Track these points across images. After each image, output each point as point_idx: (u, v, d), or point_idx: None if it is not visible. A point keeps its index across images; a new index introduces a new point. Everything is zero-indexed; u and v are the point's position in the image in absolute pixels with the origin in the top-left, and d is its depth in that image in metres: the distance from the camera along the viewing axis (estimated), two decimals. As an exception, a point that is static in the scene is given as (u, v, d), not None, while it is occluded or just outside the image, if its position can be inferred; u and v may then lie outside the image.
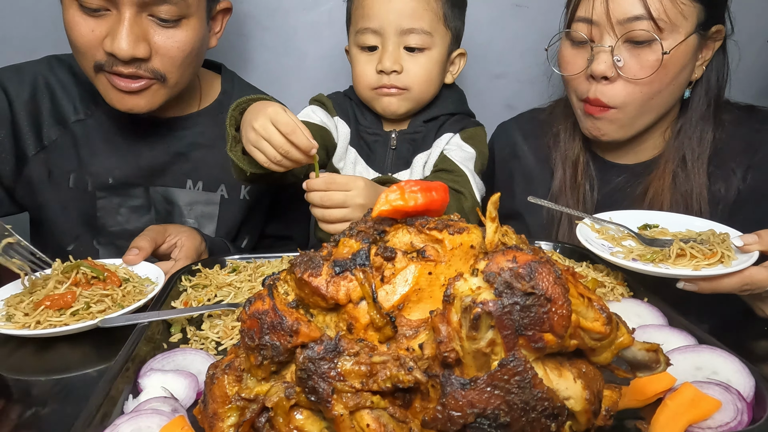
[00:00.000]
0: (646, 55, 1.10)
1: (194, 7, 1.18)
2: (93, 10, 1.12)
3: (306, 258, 0.55)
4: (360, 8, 1.26)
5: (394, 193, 0.56)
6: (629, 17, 1.08)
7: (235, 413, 0.54)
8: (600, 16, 1.12)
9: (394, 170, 1.33)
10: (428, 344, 0.50)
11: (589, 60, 1.14)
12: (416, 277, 0.53)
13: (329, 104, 1.36)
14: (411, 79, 1.25)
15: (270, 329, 0.52)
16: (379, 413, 0.51)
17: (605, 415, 0.55)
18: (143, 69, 1.16)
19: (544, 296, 0.46)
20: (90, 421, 0.58)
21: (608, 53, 1.11)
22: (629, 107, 1.15)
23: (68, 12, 1.14)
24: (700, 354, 0.69)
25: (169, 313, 0.83)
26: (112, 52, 1.12)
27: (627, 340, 0.52)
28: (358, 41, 1.27)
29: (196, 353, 0.75)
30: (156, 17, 1.14)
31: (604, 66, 1.12)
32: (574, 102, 1.24)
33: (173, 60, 1.19)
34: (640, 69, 1.11)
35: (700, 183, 1.19)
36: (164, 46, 1.16)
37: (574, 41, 1.18)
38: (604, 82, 1.14)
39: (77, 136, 1.31)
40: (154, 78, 1.18)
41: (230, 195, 1.39)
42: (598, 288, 0.92)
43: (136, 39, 1.12)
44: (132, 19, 1.11)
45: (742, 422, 0.59)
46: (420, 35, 1.22)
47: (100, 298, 0.88)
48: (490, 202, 0.55)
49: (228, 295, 0.92)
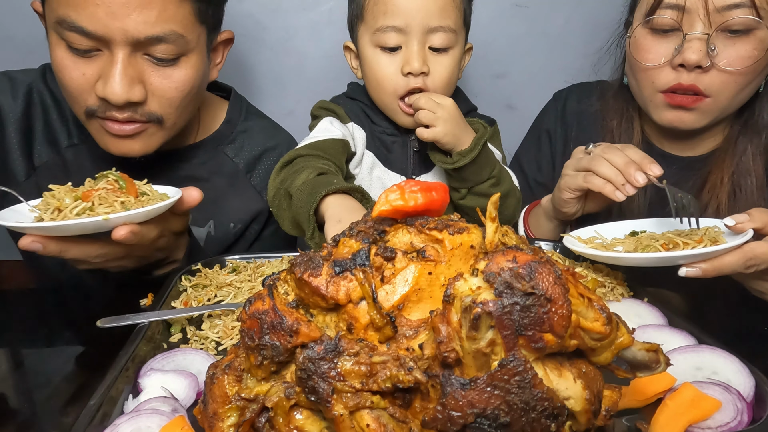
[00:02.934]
0: (744, 45, 1.05)
1: (193, 43, 1.09)
2: (84, 51, 1.02)
3: (306, 258, 0.55)
4: (381, 4, 1.15)
5: (394, 193, 0.56)
6: (729, 5, 1.03)
7: (235, 413, 0.54)
8: (694, 3, 1.06)
9: (417, 173, 1.30)
10: (428, 344, 0.50)
11: (677, 49, 1.09)
12: (416, 277, 0.53)
13: (340, 111, 1.28)
14: (436, 82, 1.19)
15: (270, 329, 0.52)
16: (379, 413, 0.51)
17: (605, 415, 0.55)
18: (139, 113, 1.07)
19: (544, 296, 0.46)
20: (90, 421, 0.58)
21: (703, 41, 1.06)
22: (722, 96, 1.11)
23: (56, 53, 1.04)
24: (700, 354, 0.69)
25: (169, 313, 0.83)
26: (105, 96, 1.03)
27: (627, 340, 0.52)
28: (379, 41, 1.18)
29: (196, 353, 0.75)
30: (152, 56, 1.05)
31: (699, 55, 1.06)
32: (646, 94, 1.18)
33: (171, 101, 1.10)
34: (737, 59, 1.06)
35: (761, 181, 1.16)
36: (161, 88, 1.07)
37: (657, 29, 1.12)
38: (696, 71, 1.09)
39: (68, 162, 1.23)
40: (150, 121, 1.10)
41: (217, 231, 1.33)
42: (598, 288, 0.92)
43: (131, 81, 1.03)
44: (125, 60, 1.02)
45: (742, 422, 0.59)
46: (446, 33, 1.16)
47: (110, 203, 0.89)
48: (490, 202, 0.55)
49: (228, 295, 0.92)
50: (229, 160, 1.35)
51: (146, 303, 0.93)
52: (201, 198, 1.01)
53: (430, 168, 1.30)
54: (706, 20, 1.05)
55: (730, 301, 0.94)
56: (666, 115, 1.17)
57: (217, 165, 1.33)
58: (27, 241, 0.86)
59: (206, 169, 1.31)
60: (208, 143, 1.33)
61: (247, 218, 1.36)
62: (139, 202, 0.93)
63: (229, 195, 1.34)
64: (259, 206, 1.37)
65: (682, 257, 0.85)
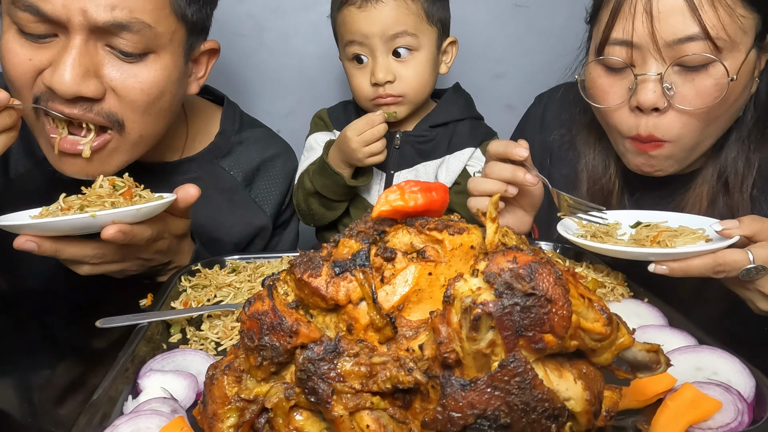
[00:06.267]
0: (702, 81, 0.94)
1: (165, 39, 0.97)
2: (37, 37, 0.91)
3: (306, 258, 0.55)
4: (343, 24, 1.27)
5: (394, 194, 0.56)
6: (680, 38, 0.91)
7: (235, 414, 0.54)
8: (642, 38, 0.94)
9: (396, 168, 1.34)
10: (428, 345, 0.50)
11: (630, 89, 0.98)
12: (416, 277, 0.53)
13: (327, 120, 1.40)
14: (405, 86, 1.27)
15: (269, 330, 0.52)
16: (378, 414, 0.51)
17: (606, 415, 0.55)
18: (94, 111, 0.94)
19: (545, 297, 0.46)
20: (89, 421, 0.58)
21: (656, 81, 0.95)
22: (685, 139, 0.99)
23: (4, 38, 0.92)
24: (701, 354, 0.69)
25: (169, 314, 0.83)
26: (51, 85, 0.90)
27: (627, 341, 0.52)
28: (348, 54, 1.29)
29: (196, 354, 0.74)
30: (116, 49, 0.93)
31: (653, 96, 0.95)
32: (615, 138, 1.08)
33: (134, 104, 0.96)
34: (696, 97, 0.94)
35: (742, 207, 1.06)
36: (122, 85, 0.94)
37: (609, 67, 1.01)
38: (654, 114, 0.98)
39: (47, 174, 1.09)
40: (109, 124, 0.96)
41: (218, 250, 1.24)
42: (599, 288, 0.92)
43: (85, 72, 0.90)
44: (82, 47, 0.89)
45: (742, 423, 0.58)
46: (406, 38, 1.24)
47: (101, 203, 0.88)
48: (490, 202, 0.55)
49: (228, 296, 0.92)
50: (227, 174, 1.29)
51: (146, 303, 0.93)
52: (198, 194, 0.96)
53: (410, 165, 1.34)
54: (659, 56, 0.94)
55: (731, 302, 0.94)
56: (637, 163, 1.06)
57: (214, 179, 1.25)
58: (22, 240, 0.85)
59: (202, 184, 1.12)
60: (202, 156, 1.25)
61: (251, 234, 1.31)
62: (129, 202, 0.91)
63: (230, 211, 1.28)
64: (262, 221, 1.31)
65: (653, 254, 0.86)
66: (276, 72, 1.69)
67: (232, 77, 1.60)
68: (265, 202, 1.33)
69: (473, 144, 1.33)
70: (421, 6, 1.24)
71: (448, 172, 1.31)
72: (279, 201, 1.36)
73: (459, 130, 1.34)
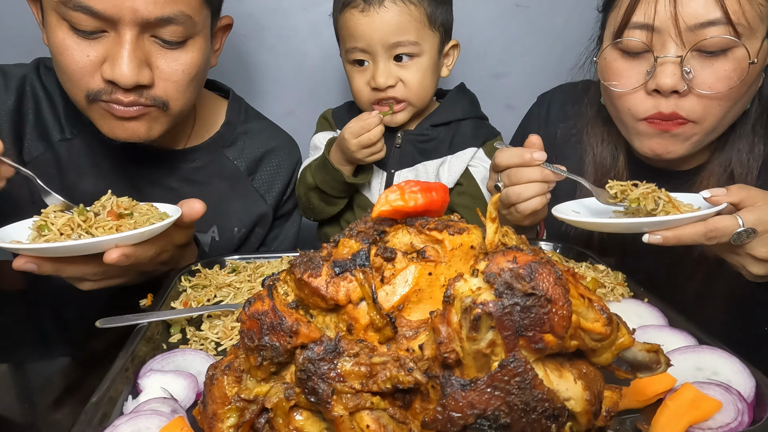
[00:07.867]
0: (722, 65, 0.96)
1: (200, 25, 1.07)
2: (89, 33, 0.98)
3: (306, 258, 0.55)
4: (345, 29, 1.26)
5: (394, 194, 0.56)
6: (702, 22, 0.94)
7: (235, 414, 0.54)
8: (664, 22, 0.96)
9: (397, 167, 1.34)
10: (428, 345, 0.50)
11: (648, 72, 0.99)
12: (416, 277, 0.53)
13: (331, 120, 1.41)
14: (406, 90, 1.27)
15: (269, 330, 0.52)
16: (379, 414, 0.51)
17: (606, 415, 0.55)
18: (144, 96, 1.03)
19: (545, 297, 0.46)
20: (89, 421, 0.58)
21: (676, 64, 0.96)
22: (708, 121, 1.01)
23: (56, 35, 0.99)
24: (701, 354, 0.69)
25: (169, 314, 0.83)
26: (113, 79, 0.99)
27: (627, 341, 0.52)
28: (349, 58, 1.29)
29: (196, 354, 0.74)
30: (159, 39, 1.02)
31: (673, 79, 0.96)
32: (626, 122, 1.09)
33: (177, 85, 1.07)
34: (716, 81, 0.96)
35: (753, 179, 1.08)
36: (168, 71, 1.04)
37: (627, 51, 1.02)
38: (675, 96, 0.99)
39: (61, 157, 1.19)
40: (154, 106, 1.06)
41: (222, 237, 1.31)
42: (599, 288, 0.92)
43: (140, 64, 1.00)
44: (134, 41, 0.98)
45: (742, 423, 0.58)
46: (407, 46, 1.23)
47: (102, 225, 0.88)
48: (490, 202, 0.55)
49: (228, 296, 0.92)
50: (230, 163, 1.33)
51: (146, 303, 0.93)
52: (203, 210, 0.99)
53: (410, 164, 1.34)
54: (679, 40, 0.96)
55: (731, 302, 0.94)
56: (650, 145, 1.07)
57: (218, 168, 1.31)
58: (21, 261, 0.85)
59: (206, 171, 1.28)
60: (208, 145, 1.31)
61: (251, 222, 1.35)
62: (129, 224, 0.89)
63: (232, 199, 1.33)
64: (262, 210, 1.35)
65: (646, 224, 0.86)
66: (276, 72, 1.69)
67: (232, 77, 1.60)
68: (266, 191, 1.36)
69: (476, 144, 1.33)
70: (423, 11, 1.23)
71: (450, 172, 1.31)
72: (280, 190, 1.39)
73: (461, 130, 1.34)
